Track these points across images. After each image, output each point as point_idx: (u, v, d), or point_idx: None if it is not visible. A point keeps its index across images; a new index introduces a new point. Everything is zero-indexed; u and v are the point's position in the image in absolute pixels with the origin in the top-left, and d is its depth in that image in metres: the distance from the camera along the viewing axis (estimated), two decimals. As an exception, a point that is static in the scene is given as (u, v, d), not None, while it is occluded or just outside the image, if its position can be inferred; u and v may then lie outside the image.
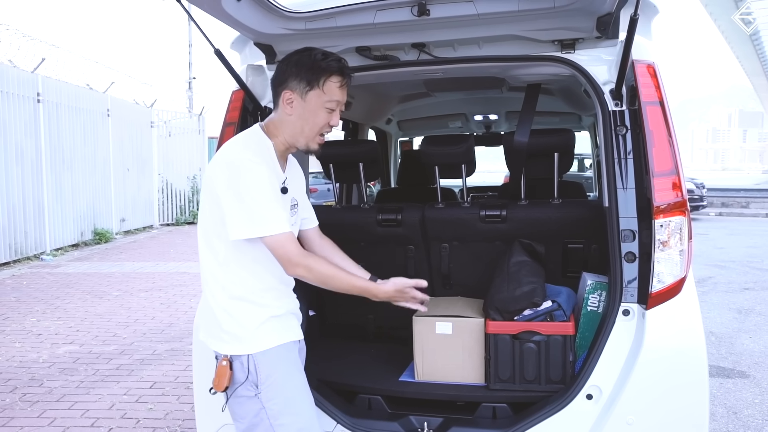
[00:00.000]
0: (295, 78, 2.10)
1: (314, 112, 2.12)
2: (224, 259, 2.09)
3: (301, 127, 2.14)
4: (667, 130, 2.41)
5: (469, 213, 3.14)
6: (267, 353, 2.09)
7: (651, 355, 2.35)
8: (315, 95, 2.11)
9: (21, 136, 10.80)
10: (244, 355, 2.08)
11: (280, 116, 2.16)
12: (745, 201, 23.08)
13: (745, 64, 42.09)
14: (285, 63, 2.16)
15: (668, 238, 2.35)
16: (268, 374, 2.08)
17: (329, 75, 2.11)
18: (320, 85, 2.10)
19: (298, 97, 2.11)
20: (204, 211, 2.13)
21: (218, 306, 2.11)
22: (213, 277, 2.12)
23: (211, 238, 2.10)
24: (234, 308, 2.10)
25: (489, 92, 4.32)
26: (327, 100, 2.12)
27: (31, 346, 5.83)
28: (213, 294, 2.12)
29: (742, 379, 4.96)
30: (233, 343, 2.09)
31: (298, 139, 2.16)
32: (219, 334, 2.12)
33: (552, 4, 2.45)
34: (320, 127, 2.15)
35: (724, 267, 10.20)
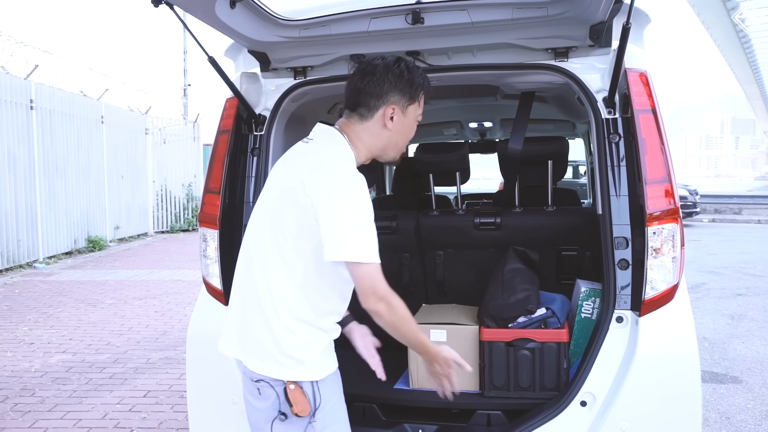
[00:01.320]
0: (399, 93, 2.02)
1: (411, 126, 2.10)
2: (303, 279, 1.91)
3: (396, 141, 2.09)
4: (660, 137, 2.43)
5: (464, 220, 3.15)
6: (327, 380, 1.96)
7: (644, 362, 2.35)
8: (413, 109, 2.08)
9: (14, 143, 10.76)
10: (307, 382, 1.92)
11: (372, 129, 2.03)
12: (737, 207, 23.20)
13: (738, 72, 42.39)
14: (383, 75, 2.02)
15: (661, 245, 2.36)
16: (326, 401, 1.95)
17: (424, 89, 2.10)
18: (417, 100, 2.08)
19: (400, 111, 2.04)
20: (285, 218, 1.93)
21: (283, 327, 1.91)
22: (282, 295, 1.92)
23: (288, 253, 1.92)
24: (302, 331, 1.92)
25: (483, 100, 4.33)
26: (420, 113, 2.12)
27: (23, 355, 5.80)
28: (277, 313, 1.91)
29: (735, 385, 4.98)
30: (297, 368, 1.91)
31: (389, 152, 2.10)
32: (277, 358, 1.91)
33: (545, 13, 2.47)
34: (410, 139, 2.15)
35: (717, 273, 10.24)
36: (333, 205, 1.85)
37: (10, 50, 11.12)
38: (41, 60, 11.79)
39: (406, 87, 2.03)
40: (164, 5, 2.30)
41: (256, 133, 2.93)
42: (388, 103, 2.02)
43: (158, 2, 2.26)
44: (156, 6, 2.28)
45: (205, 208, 2.83)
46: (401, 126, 2.06)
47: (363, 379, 3.01)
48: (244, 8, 2.53)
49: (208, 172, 2.87)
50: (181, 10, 2.43)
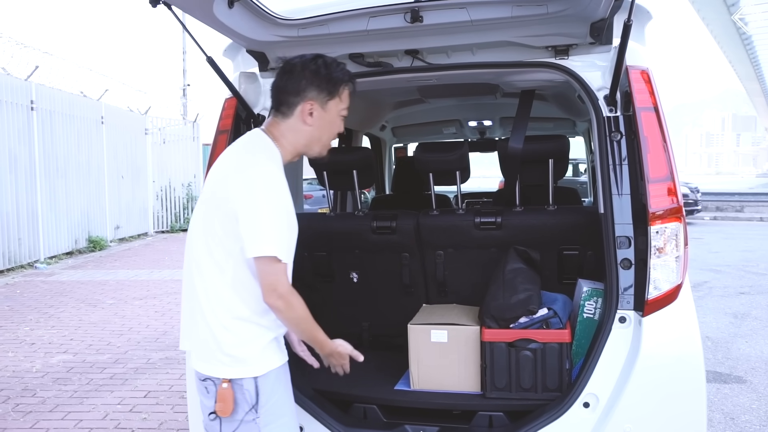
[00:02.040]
0: (315, 88, 2.07)
1: (333, 121, 2.14)
2: (233, 278, 1.97)
3: (319, 137, 2.13)
4: (662, 135, 2.41)
5: (464, 220, 3.13)
6: (269, 375, 2.01)
7: (648, 363, 2.33)
8: (334, 104, 2.11)
9: (14, 143, 10.76)
10: (249, 378, 1.97)
11: (293, 125, 2.09)
12: (739, 205, 23.15)
13: (738, 69, 42.29)
14: (300, 72, 2.07)
15: (664, 244, 2.34)
16: (268, 397, 2.00)
17: (346, 83, 2.13)
18: (339, 94, 2.11)
19: (319, 107, 2.08)
20: (211, 222, 2.00)
21: (221, 326, 1.98)
22: (217, 295, 1.98)
23: (218, 254, 1.98)
24: (239, 329, 1.98)
25: (483, 98, 4.31)
26: (342, 108, 2.15)
27: (24, 356, 5.79)
28: (215, 313, 1.98)
29: (739, 385, 4.95)
30: (236, 366, 1.97)
31: (313, 147, 2.15)
32: (217, 357, 1.98)
33: (545, 11, 2.45)
34: (335, 134, 2.19)
35: (720, 271, 10.21)
36: (247, 203, 1.93)
37: (11, 52, 11.13)
38: (42, 61, 11.80)
39: (323, 83, 2.07)
40: (162, 5, 2.28)
41: None
42: (306, 99, 2.07)
43: (156, 2, 2.25)
44: (154, 6, 2.26)
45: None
46: (321, 121, 2.10)
47: (363, 380, 3.00)
48: (242, 8, 2.51)
49: (207, 171, 2.85)
50: (179, 11, 2.41)
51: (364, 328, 3.47)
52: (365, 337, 3.48)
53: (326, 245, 3.39)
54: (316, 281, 3.48)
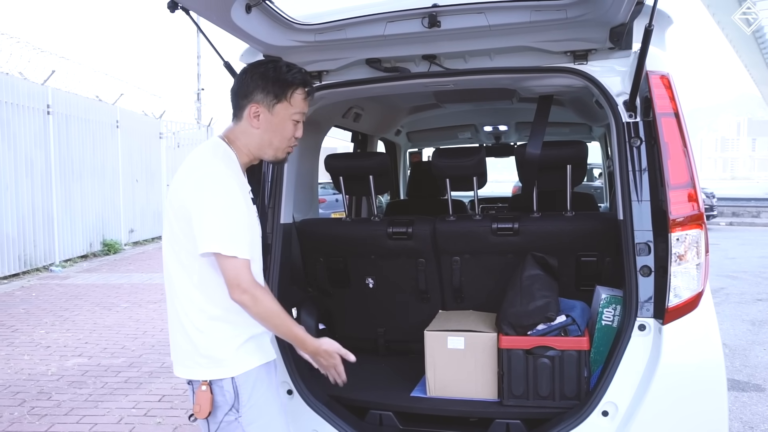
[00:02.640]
0: (261, 91, 2.07)
1: (282, 125, 2.11)
2: (200, 279, 2.00)
3: (269, 140, 2.11)
4: (683, 141, 2.38)
5: (481, 226, 3.11)
6: (248, 375, 2.02)
7: (668, 371, 2.31)
8: (282, 108, 2.09)
9: (31, 147, 10.86)
10: (227, 379, 2.00)
11: (244, 128, 2.10)
12: (756, 210, 22.92)
13: (754, 73, 41.92)
14: (248, 75, 2.11)
15: (685, 251, 2.31)
16: (249, 397, 2.02)
17: (296, 87, 2.10)
18: (287, 97, 2.09)
19: (265, 110, 2.08)
20: (172, 228, 2.03)
21: (195, 329, 2.01)
22: (188, 298, 2.02)
23: (183, 257, 2.01)
24: (213, 329, 2.01)
25: (499, 103, 4.30)
26: (294, 112, 2.11)
27: (40, 359, 5.82)
28: (188, 316, 2.02)
29: (758, 393, 4.89)
30: (213, 367, 2.01)
31: (265, 151, 2.14)
32: (195, 359, 2.02)
33: (564, 15, 2.43)
34: (288, 139, 2.14)
35: (736, 278, 10.10)
36: (198, 202, 1.95)
37: (28, 56, 11.21)
38: (58, 65, 11.88)
39: (269, 85, 2.07)
40: (180, 10, 2.29)
41: None
42: (252, 102, 2.07)
43: (174, 7, 2.25)
44: (172, 11, 2.27)
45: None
46: (269, 124, 2.09)
47: (379, 386, 2.99)
48: (259, 13, 2.51)
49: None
50: (196, 15, 2.42)
51: (380, 334, 3.46)
52: (381, 343, 3.46)
53: (342, 251, 3.38)
54: (332, 287, 3.47)
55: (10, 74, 10.53)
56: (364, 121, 4.36)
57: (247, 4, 2.43)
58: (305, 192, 3.46)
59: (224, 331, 2.01)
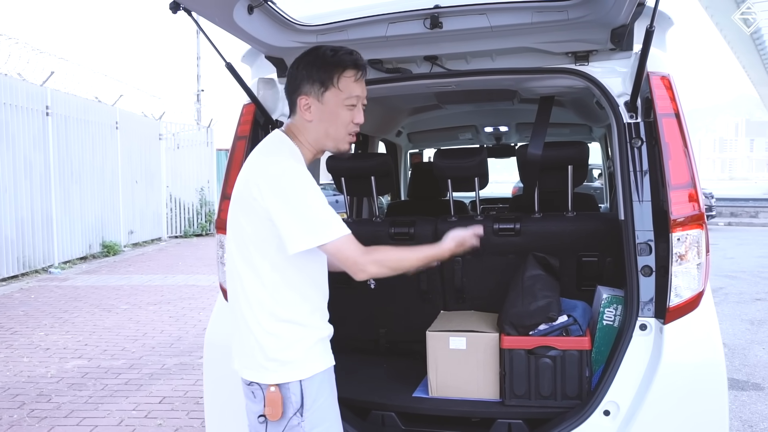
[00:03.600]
0: (307, 81, 1.99)
1: (335, 113, 2.00)
2: (271, 281, 1.93)
3: (325, 130, 2.02)
4: (684, 142, 2.39)
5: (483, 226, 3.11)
6: (314, 378, 1.96)
7: (669, 370, 2.31)
8: (332, 95, 1.99)
9: (30, 149, 10.85)
10: (295, 382, 1.93)
11: (300, 123, 2.04)
12: (754, 211, 22.97)
13: (752, 74, 41.98)
14: (295, 67, 2.04)
15: (686, 251, 2.32)
16: (313, 401, 1.96)
17: (342, 70, 1.99)
18: (335, 83, 1.98)
19: (315, 100, 1.99)
20: (242, 229, 1.96)
21: (264, 331, 1.94)
22: (258, 300, 1.94)
23: (254, 259, 1.94)
24: (283, 332, 1.94)
25: (500, 104, 4.31)
26: (345, 97, 2.00)
27: (39, 361, 5.82)
28: (257, 319, 1.95)
29: (757, 392, 4.90)
30: (281, 370, 1.94)
31: (324, 142, 2.05)
32: (263, 363, 1.95)
33: (566, 17, 2.44)
34: (345, 126, 2.03)
35: (735, 277, 10.12)
36: (281, 201, 1.87)
37: (27, 57, 11.21)
38: (57, 66, 11.90)
39: (314, 74, 1.99)
40: (182, 11, 2.29)
41: None
42: (301, 94, 2.01)
43: (177, 8, 2.26)
44: (174, 12, 2.27)
45: (222, 215, 2.82)
46: (321, 114, 2.00)
47: (381, 387, 3.00)
48: (261, 14, 2.52)
49: (225, 178, 2.86)
50: (197, 16, 2.42)
51: (381, 335, 3.47)
52: (382, 344, 3.47)
53: None
54: (333, 287, 3.47)
55: (9, 75, 10.52)
56: (365, 122, 4.35)
57: (249, 5, 2.44)
58: None
59: (294, 333, 1.95)
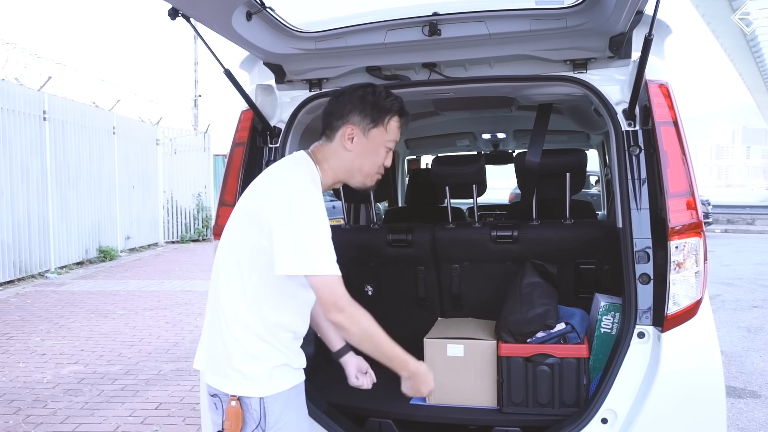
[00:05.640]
0: (359, 114, 2.04)
1: (375, 150, 2.07)
2: (253, 295, 1.93)
3: (360, 165, 2.06)
4: (682, 150, 2.40)
5: (480, 233, 3.11)
6: (278, 397, 1.95)
7: (667, 379, 2.31)
8: (378, 133, 2.05)
9: (27, 153, 10.83)
10: (255, 398, 1.92)
11: (335, 150, 2.05)
12: (750, 218, 23.02)
13: (749, 82, 42.20)
14: (347, 97, 2.08)
15: (684, 259, 2.32)
16: (277, 419, 1.95)
17: (393, 114, 2.07)
18: (384, 123, 2.06)
19: (360, 133, 2.04)
20: (242, 239, 1.96)
21: (234, 341, 1.94)
22: (235, 309, 1.95)
23: (245, 268, 1.94)
24: (253, 347, 1.93)
25: (497, 111, 4.31)
26: (388, 139, 2.08)
27: (36, 366, 5.79)
28: (230, 327, 1.94)
29: (754, 399, 4.90)
30: (244, 383, 1.93)
31: (354, 176, 2.09)
32: (227, 371, 1.95)
33: (564, 24, 2.45)
34: (379, 165, 2.10)
35: (732, 284, 10.13)
36: (285, 220, 1.87)
37: (24, 62, 11.21)
38: (54, 71, 11.90)
39: (368, 109, 2.04)
40: (181, 18, 2.29)
41: (271, 145, 2.91)
42: (348, 123, 2.04)
43: (175, 15, 2.25)
44: (173, 19, 2.27)
45: (219, 221, 2.81)
46: (362, 148, 2.05)
47: (378, 394, 2.98)
48: (260, 21, 2.52)
49: (223, 184, 2.85)
50: (196, 22, 2.42)
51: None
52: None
53: (341, 258, 3.35)
54: None
55: (7, 80, 10.51)
56: None
57: (248, 12, 2.44)
58: None
59: (263, 351, 1.93)
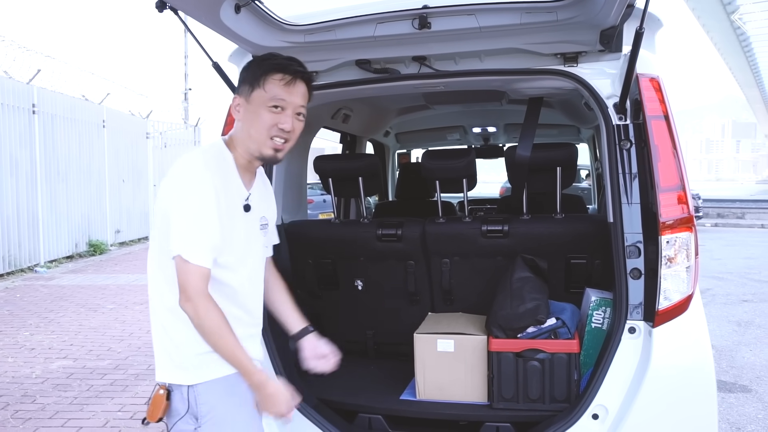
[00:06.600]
0: (243, 83, 2.00)
1: (257, 113, 1.96)
2: (171, 275, 1.88)
3: (247, 131, 1.98)
4: (673, 144, 2.39)
5: (471, 228, 3.10)
6: (209, 385, 1.90)
7: (658, 374, 2.31)
8: (257, 95, 1.96)
9: (16, 147, 10.74)
10: (184, 386, 1.89)
11: (235, 126, 2.03)
12: (740, 212, 23.14)
13: (738, 76, 42.40)
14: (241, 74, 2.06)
15: (675, 254, 2.31)
16: (210, 408, 1.90)
17: (270, 72, 1.97)
18: (261, 84, 1.96)
19: (244, 101, 1.98)
20: (156, 225, 1.95)
21: (161, 327, 1.94)
22: (159, 296, 1.94)
23: (161, 255, 1.92)
24: (177, 331, 1.90)
25: (488, 105, 4.30)
26: (269, 98, 1.95)
27: (24, 361, 5.75)
28: (157, 315, 1.95)
29: (744, 394, 4.92)
30: (174, 371, 1.91)
31: (249, 145, 1.99)
32: (161, 360, 1.94)
33: (555, 18, 2.43)
34: (267, 128, 1.96)
35: (722, 279, 10.18)
36: (169, 202, 1.88)
37: (13, 55, 11.10)
38: (43, 64, 11.74)
39: (248, 76, 2.00)
40: (168, 10, 2.26)
41: None
42: (235, 95, 2.03)
43: (163, 7, 2.23)
44: (160, 11, 2.24)
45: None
46: (246, 114, 1.99)
47: (368, 389, 2.98)
48: (248, 13, 2.49)
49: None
50: (185, 15, 2.39)
51: (369, 336, 3.45)
52: (370, 346, 3.45)
53: (331, 253, 3.37)
54: (321, 289, 3.46)
55: (-6, 73, 10.43)
56: (352, 123, 4.35)
57: (237, 5, 2.41)
58: (294, 193, 3.44)
59: (187, 336, 1.88)
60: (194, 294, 1.82)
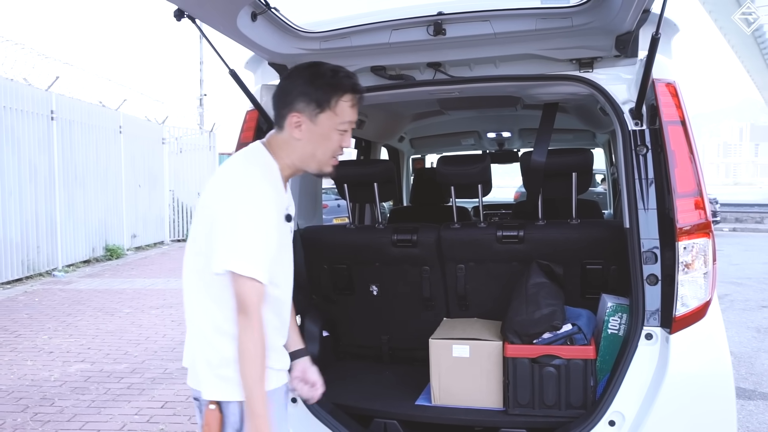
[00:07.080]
0: (303, 99, 1.89)
1: (326, 136, 1.91)
2: (218, 292, 1.84)
3: (312, 152, 1.92)
4: (690, 149, 2.37)
5: (486, 233, 3.10)
6: None
7: (676, 380, 2.29)
8: (326, 117, 1.89)
9: (35, 153, 10.88)
10: (234, 402, 1.83)
11: (286, 139, 1.93)
12: (759, 216, 22.83)
13: (756, 78, 41.92)
14: (290, 81, 1.95)
15: (692, 260, 2.30)
16: None
17: (341, 94, 1.90)
18: (331, 106, 1.89)
19: (307, 120, 1.89)
20: (197, 235, 1.90)
21: (207, 342, 1.87)
22: (204, 311, 1.88)
23: (201, 265, 1.87)
24: (225, 347, 1.83)
25: (502, 110, 4.29)
26: (340, 122, 1.91)
27: (43, 364, 5.81)
28: (202, 330, 1.88)
29: (764, 401, 4.86)
30: (221, 386, 1.84)
31: (309, 163, 1.95)
32: (204, 374, 1.87)
33: (570, 23, 2.43)
34: (333, 150, 1.95)
35: (741, 284, 10.06)
36: (222, 216, 1.80)
37: (32, 62, 11.28)
38: (62, 71, 11.95)
39: (312, 93, 1.88)
40: (186, 19, 2.29)
41: None
42: (293, 111, 1.90)
43: (181, 16, 2.25)
44: (179, 20, 2.27)
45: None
46: (311, 135, 1.90)
47: (384, 395, 2.98)
48: (265, 21, 2.51)
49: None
50: (201, 23, 2.42)
51: (384, 342, 3.45)
52: (385, 351, 3.45)
53: (346, 258, 3.38)
54: (336, 294, 3.47)
55: (15, 80, 10.57)
56: (367, 128, 4.36)
57: (253, 12, 2.43)
58: (309, 199, 3.45)
59: (235, 351, 1.82)
60: (253, 311, 1.78)
